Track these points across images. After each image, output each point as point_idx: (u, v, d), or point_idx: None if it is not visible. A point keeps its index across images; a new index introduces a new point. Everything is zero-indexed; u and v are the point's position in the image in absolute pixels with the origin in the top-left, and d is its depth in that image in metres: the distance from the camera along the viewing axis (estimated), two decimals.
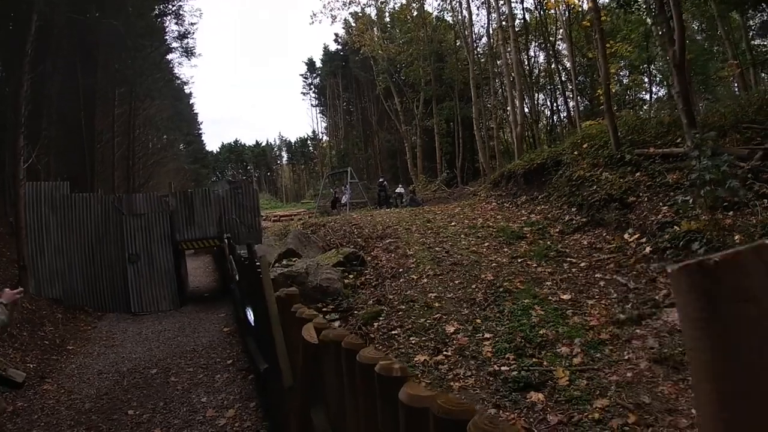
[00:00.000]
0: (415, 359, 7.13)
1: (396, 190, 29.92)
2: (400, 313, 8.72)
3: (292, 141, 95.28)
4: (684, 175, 10.60)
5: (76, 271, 13.63)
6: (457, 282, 9.85)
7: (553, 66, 33.41)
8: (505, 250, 11.84)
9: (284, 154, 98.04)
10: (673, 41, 11.52)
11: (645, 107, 30.72)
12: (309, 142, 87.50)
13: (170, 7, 28.41)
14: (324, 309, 8.93)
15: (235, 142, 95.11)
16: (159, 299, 14.12)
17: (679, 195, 9.92)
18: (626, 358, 6.53)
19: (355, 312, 9.01)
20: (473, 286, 9.53)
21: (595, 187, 12.77)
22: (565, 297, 8.64)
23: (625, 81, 33.68)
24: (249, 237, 15.09)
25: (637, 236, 10.23)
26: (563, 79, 32.62)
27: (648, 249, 9.46)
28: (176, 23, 29.33)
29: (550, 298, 8.71)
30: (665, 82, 28.61)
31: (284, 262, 12.66)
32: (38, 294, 12.60)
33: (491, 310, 8.47)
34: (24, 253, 12.26)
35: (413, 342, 7.71)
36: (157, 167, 36.40)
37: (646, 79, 31.09)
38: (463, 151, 38.43)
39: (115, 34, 19.53)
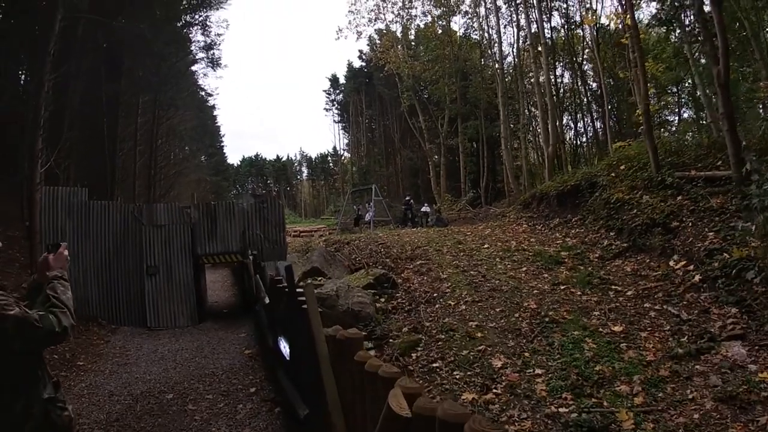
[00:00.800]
0: (463, 397, 6.41)
1: (421, 209, 29.29)
2: (439, 343, 8.02)
3: (313, 157, 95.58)
4: (728, 199, 10.18)
5: (90, 281, 13.04)
6: (498, 310, 9.17)
7: (579, 86, 32.71)
8: (545, 275, 11.27)
9: (304, 170, 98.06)
10: (717, 60, 10.92)
11: (672, 129, 29.85)
12: (330, 158, 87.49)
13: (197, 17, 28.13)
14: None
15: (256, 156, 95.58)
16: (177, 314, 13.48)
17: (735, 221, 9.22)
18: (690, 397, 6.07)
19: (391, 340, 8.28)
20: (516, 315, 8.86)
21: (635, 210, 12.25)
22: (616, 329, 8.10)
23: (653, 102, 32.81)
24: (273, 253, 14.45)
25: (683, 263, 9.67)
26: (588, 99, 31.97)
27: (697, 277, 8.92)
28: (202, 33, 29.08)
29: (600, 329, 8.16)
30: (689, 104, 27.97)
31: (309, 281, 12.03)
32: None
33: (539, 343, 7.80)
34: (37, 259, 11.68)
35: (457, 377, 7.01)
36: (178, 178, 36.03)
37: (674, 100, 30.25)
38: (488, 171, 37.74)
39: (141, 40, 19.17)
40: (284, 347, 5.45)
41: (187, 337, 11.89)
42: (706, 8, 12.24)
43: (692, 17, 15.93)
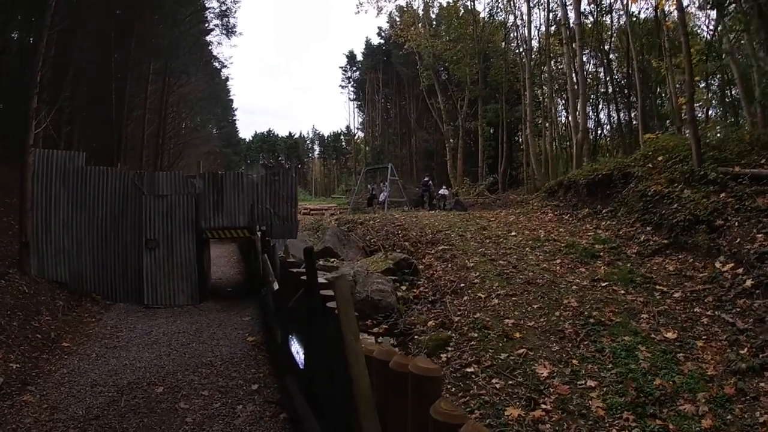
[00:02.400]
0: (507, 413, 5.40)
1: (439, 192, 28.27)
2: (472, 343, 7.00)
3: (326, 135, 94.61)
4: None
5: (85, 253, 12.08)
6: (535, 307, 8.20)
7: (602, 75, 32.17)
8: (582, 270, 10.45)
9: (316, 148, 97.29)
10: None
11: (700, 127, 28.70)
12: (342, 137, 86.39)
13: None
14: (375, 330, 7.23)
15: (268, 132, 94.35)
16: (176, 292, 12.46)
17: None
18: (761, 420, 5.50)
19: (415, 337, 7.23)
20: (557, 314, 7.90)
21: (675, 205, 11.58)
22: (669, 335, 7.38)
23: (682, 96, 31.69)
24: (283, 230, 13.42)
25: (731, 266, 9.01)
26: (614, 89, 31.07)
27: (749, 282, 8.29)
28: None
29: (652, 336, 7.40)
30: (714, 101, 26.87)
31: (321, 262, 11.05)
32: (41, 275, 11.14)
33: (587, 348, 6.87)
34: (28, 229, 10.84)
35: (497, 386, 6.03)
36: (188, 149, 35.10)
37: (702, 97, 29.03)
38: (506, 157, 36.73)
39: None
40: (297, 352, 4.35)
41: (185, 318, 10.87)
42: None
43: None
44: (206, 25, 29.80)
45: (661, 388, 6.02)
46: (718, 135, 18.75)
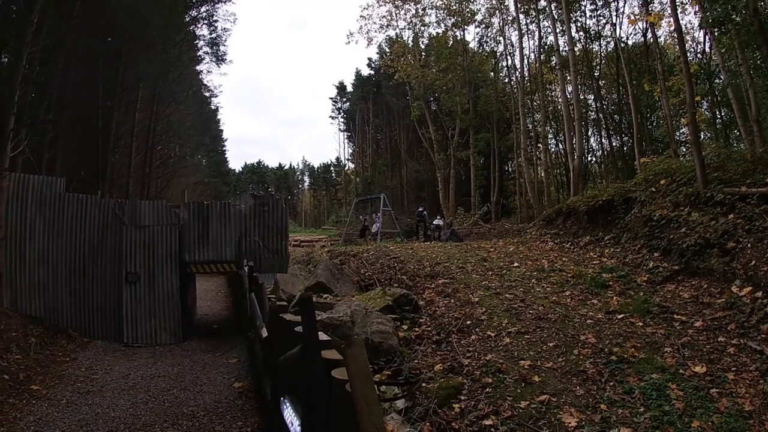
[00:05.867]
0: None
1: (434, 222, 27.73)
2: (487, 390, 6.21)
3: (315, 166, 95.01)
4: None
5: (62, 286, 11.30)
6: (551, 345, 7.51)
7: (591, 102, 32.45)
8: (594, 301, 9.87)
9: (306, 179, 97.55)
10: None
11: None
12: (332, 168, 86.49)
13: (202, 10, 26.78)
14: (377, 377, 6.49)
15: (258, 162, 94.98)
16: (158, 330, 11.65)
17: None
18: None
19: (423, 384, 6.47)
20: (575, 352, 7.22)
21: (683, 229, 11.14)
22: (697, 369, 6.81)
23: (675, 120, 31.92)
24: (273, 264, 12.66)
25: (749, 290, 8.55)
26: (606, 115, 31.43)
27: None
28: (207, 26, 27.76)
29: (680, 371, 6.75)
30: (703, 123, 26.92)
31: (314, 299, 10.30)
32: (14, 308, 10.39)
33: (614, 390, 6.20)
34: (1, 258, 10.20)
35: None
36: (175, 179, 34.41)
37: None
38: (499, 186, 36.56)
39: (141, 24, 17.60)
40: (291, 423, 3.52)
41: (167, 359, 10.06)
42: None
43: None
44: (196, 52, 29.53)
45: (700, 430, 5.41)
46: (712, 156, 18.57)
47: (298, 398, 3.33)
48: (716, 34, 17.19)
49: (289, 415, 3.60)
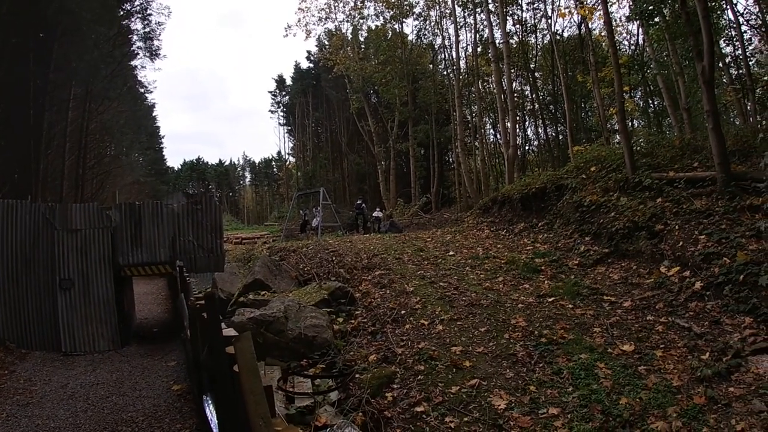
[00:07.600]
0: None
1: (373, 214, 27.86)
2: (419, 377, 6.39)
3: (257, 161, 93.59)
4: (713, 201, 9.66)
5: None
6: (483, 330, 7.72)
7: (528, 93, 33.11)
8: (525, 286, 10.19)
9: (248, 175, 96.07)
10: (701, 56, 10.45)
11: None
12: (274, 163, 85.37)
13: (136, 4, 26.06)
14: (311, 371, 6.49)
15: (198, 159, 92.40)
16: (95, 337, 11.33)
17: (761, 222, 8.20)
18: (738, 428, 5.20)
19: (357, 375, 6.52)
20: (506, 336, 7.46)
21: (613, 213, 11.58)
22: (626, 348, 7.12)
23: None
24: (208, 263, 12.49)
25: (677, 269, 8.96)
26: (540, 105, 32.20)
27: (698, 284, 8.21)
28: (141, 20, 27.03)
29: (609, 350, 7.10)
30: (636, 111, 27.98)
31: (251, 296, 10.22)
32: None
33: (543, 371, 6.45)
34: None
35: (452, 425, 5.45)
36: (110, 179, 33.45)
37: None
38: (438, 177, 36.97)
39: (72, 18, 16.94)
40: (211, 416, 3.53)
41: (106, 366, 9.87)
42: None
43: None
44: (130, 47, 28.76)
45: (628, 407, 5.68)
46: (641, 142, 19.26)
47: (213, 395, 3.33)
48: (646, 26, 17.87)
49: (209, 409, 3.60)
